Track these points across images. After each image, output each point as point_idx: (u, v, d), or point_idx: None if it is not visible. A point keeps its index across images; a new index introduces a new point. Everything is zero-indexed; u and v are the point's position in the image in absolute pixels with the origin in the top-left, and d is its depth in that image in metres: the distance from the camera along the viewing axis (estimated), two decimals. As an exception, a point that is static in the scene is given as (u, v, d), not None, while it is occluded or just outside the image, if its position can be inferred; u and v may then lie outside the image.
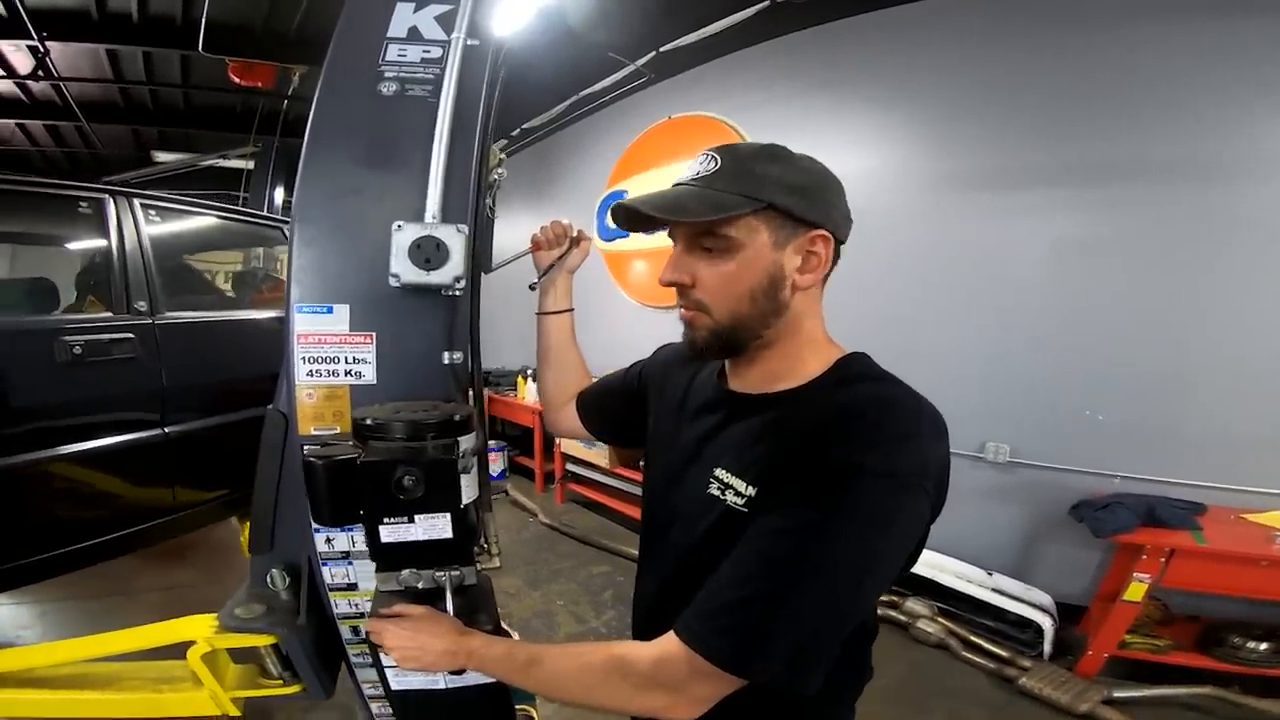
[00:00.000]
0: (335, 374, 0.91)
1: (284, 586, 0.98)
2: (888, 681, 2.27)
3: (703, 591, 0.60)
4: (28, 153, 5.69)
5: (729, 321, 0.66)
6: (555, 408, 1.09)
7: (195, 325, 2.02)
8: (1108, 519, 2.17)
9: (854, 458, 0.57)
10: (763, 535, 0.58)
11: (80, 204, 1.84)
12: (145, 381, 1.79)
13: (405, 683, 0.86)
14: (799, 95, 3.21)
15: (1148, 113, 2.28)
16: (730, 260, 0.65)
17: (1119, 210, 2.38)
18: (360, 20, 0.95)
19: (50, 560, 1.60)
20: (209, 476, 2.03)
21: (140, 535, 1.82)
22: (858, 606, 0.58)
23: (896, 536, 0.58)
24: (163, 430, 1.84)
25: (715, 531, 0.65)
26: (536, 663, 0.67)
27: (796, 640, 0.55)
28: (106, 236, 1.82)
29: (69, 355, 1.59)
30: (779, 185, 0.63)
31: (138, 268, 1.85)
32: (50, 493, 1.62)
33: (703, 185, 0.65)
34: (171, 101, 4.62)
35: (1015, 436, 2.65)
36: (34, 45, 3.34)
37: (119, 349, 1.73)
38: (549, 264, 1.06)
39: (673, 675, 0.59)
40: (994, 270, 2.67)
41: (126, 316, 1.78)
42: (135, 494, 1.82)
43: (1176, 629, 2.27)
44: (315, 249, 0.89)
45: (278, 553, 0.99)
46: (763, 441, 0.64)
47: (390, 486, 0.67)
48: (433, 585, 0.77)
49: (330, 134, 0.91)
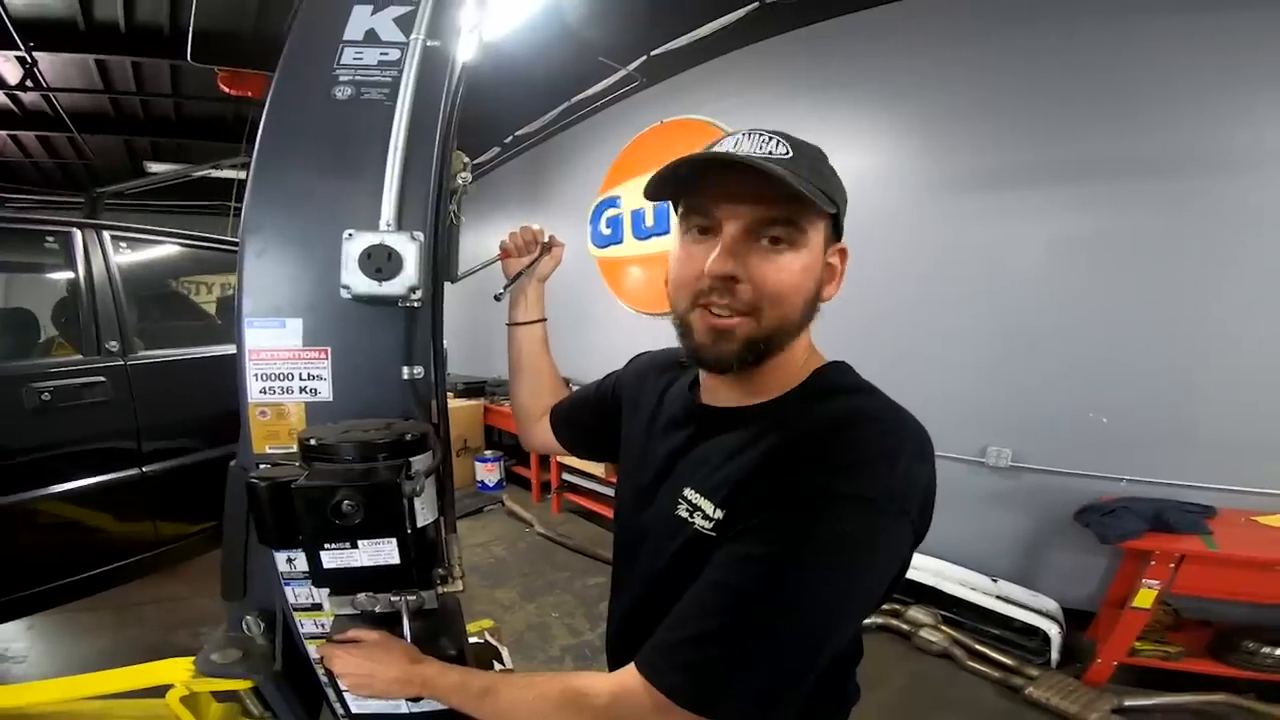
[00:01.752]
0: (289, 391, 0.86)
1: (259, 632, 0.95)
2: (887, 693, 2.22)
3: (665, 622, 0.56)
4: (20, 164, 5.68)
5: (774, 329, 0.59)
6: (528, 422, 1.05)
7: (170, 364, 1.95)
8: (1114, 524, 2.11)
9: (827, 481, 0.52)
10: (728, 564, 0.54)
11: (46, 238, 1.79)
12: (119, 423, 1.75)
13: (365, 707, 0.82)
14: (791, 97, 3.18)
15: (1146, 108, 2.23)
16: (799, 257, 0.58)
17: (1121, 209, 2.33)
18: (315, 23, 0.91)
19: (36, 595, 1.59)
20: (191, 511, 2.00)
21: (124, 570, 1.80)
22: (828, 643, 0.53)
23: (873, 568, 0.53)
24: (139, 470, 1.81)
25: (683, 555, 0.61)
26: (491, 693, 0.63)
27: (761, 681, 0.51)
28: (75, 273, 1.77)
29: (37, 401, 1.55)
30: (839, 192, 0.60)
31: (108, 306, 1.79)
32: (30, 533, 1.60)
33: (785, 167, 0.55)
34: (163, 112, 4.61)
35: (1017, 440, 2.60)
36: (21, 56, 3.33)
37: (90, 393, 1.68)
38: (518, 272, 1.02)
39: (631, 710, 0.55)
40: (992, 271, 2.62)
41: (97, 358, 1.73)
42: (117, 531, 1.80)
43: (1188, 635, 2.20)
44: (266, 260, 0.85)
45: (251, 600, 0.96)
46: (732, 460, 0.60)
47: (327, 511, 0.62)
48: (390, 609, 0.73)
49: (281, 140, 0.87)
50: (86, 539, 1.72)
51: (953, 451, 2.69)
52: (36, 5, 3.05)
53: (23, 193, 6.18)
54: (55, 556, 1.65)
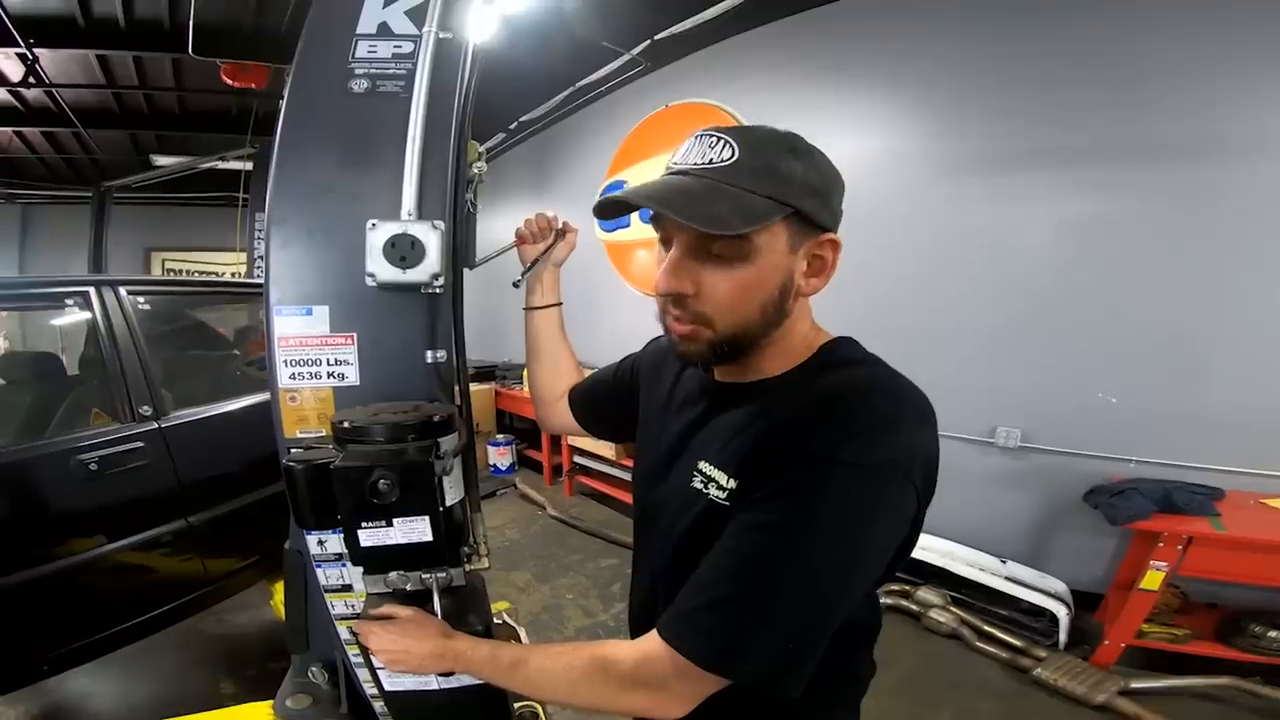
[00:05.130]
0: (318, 376, 0.89)
1: (324, 680, 1.06)
2: (897, 673, 2.26)
3: (684, 589, 0.59)
4: (27, 160, 5.71)
5: (732, 335, 0.61)
6: (546, 404, 1.07)
7: (204, 421, 2.04)
8: (1122, 505, 2.12)
9: (830, 449, 0.54)
10: (741, 532, 0.56)
11: (67, 300, 1.88)
12: (162, 480, 1.87)
13: (398, 684, 0.85)
14: (798, 79, 3.15)
15: (1159, 90, 2.21)
16: (746, 268, 0.58)
17: (1131, 189, 2.32)
18: (329, 18, 0.92)
19: (109, 638, 1.76)
20: (237, 549, 2.13)
21: (181, 608, 1.96)
22: (840, 605, 0.55)
23: (878, 531, 0.55)
24: (186, 520, 1.93)
25: (699, 526, 0.63)
26: (521, 664, 0.66)
27: (776, 641, 0.54)
28: (98, 340, 1.86)
29: (86, 471, 1.68)
30: (804, 187, 0.57)
31: (135, 370, 1.88)
32: (97, 584, 1.75)
33: (721, 179, 0.56)
34: (166, 105, 4.61)
35: (1026, 421, 2.60)
36: (22, 52, 3.33)
37: (131, 458, 1.79)
38: (534, 258, 1.03)
39: (656, 674, 0.58)
40: (1003, 252, 2.61)
41: (133, 425, 1.84)
42: (171, 574, 1.94)
43: (1195, 618, 2.22)
44: (291, 250, 0.87)
45: (314, 652, 1.06)
46: (744, 432, 0.62)
47: (365, 491, 0.65)
48: (421, 587, 0.76)
49: (301, 134, 0.88)
50: (146, 584, 1.87)
51: (962, 431, 2.70)
52: (34, 2, 3.05)
53: (30, 189, 6.22)
54: (121, 602, 1.81)
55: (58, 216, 6.76)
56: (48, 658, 1.66)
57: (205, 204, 7.27)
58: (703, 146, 0.59)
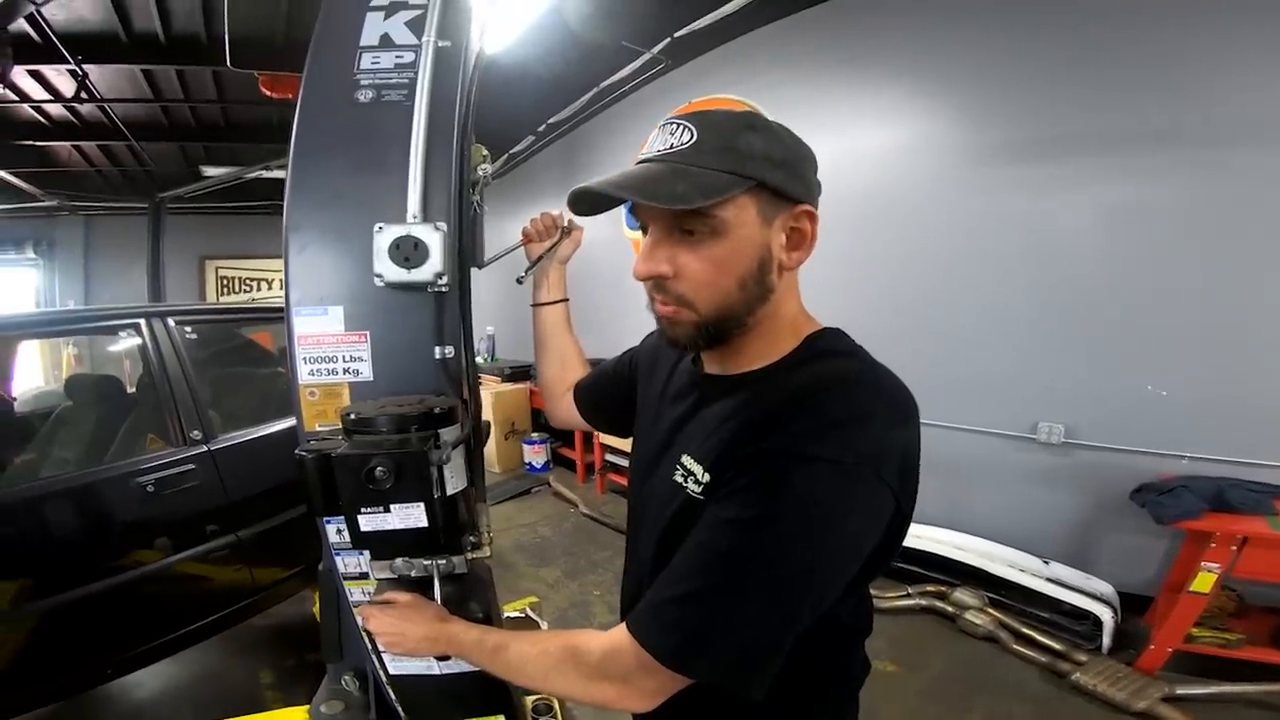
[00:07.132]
0: (334, 372, 0.94)
1: (356, 688, 1.13)
2: (927, 676, 2.20)
3: (656, 581, 0.59)
4: (86, 173, 6.07)
5: (715, 314, 0.61)
6: (553, 398, 1.09)
7: (250, 443, 2.19)
8: (1170, 504, 2.02)
9: (799, 444, 0.53)
10: (710, 527, 0.56)
11: (120, 333, 2.08)
12: (213, 499, 2.03)
13: (401, 668, 0.89)
14: (821, 72, 3.10)
15: (1210, 68, 2.08)
16: (720, 244, 0.59)
17: (1177, 176, 2.19)
18: (333, 32, 0.97)
19: (165, 643, 1.93)
20: (282, 560, 2.28)
21: (232, 615, 2.12)
22: (805, 603, 0.54)
23: (846, 529, 0.54)
24: (235, 535, 2.08)
25: (679, 519, 0.63)
26: (502, 649, 0.68)
27: (738, 640, 0.53)
28: (149, 368, 2.03)
29: (143, 492, 1.86)
30: (766, 160, 0.58)
31: (185, 397, 2.04)
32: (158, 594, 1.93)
33: (681, 161, 0.58)
34: (211, 118, 4.83)
35: (1070, 415, 2.49)
36: (72, 69, 3.52)
37: (184, 479, 1.96)
38: (539, 255, 1.05)
39: (620, 667, 0.58)
40: (1040, 242, 2.51)
41: (184, 448, 2.00)
42: (222, 584, 2.10)
43: (1250, 622, 2.09)
44: (307, 254, 0.92)
45: (347, 662, 1.13)
46: (722, 426, 0.62)
47: (362, 477, 0.68)
48: (424, 573, 0.80)
49: (312, 144, 0.93)
50: (200, 593, 2.04)
51: (1001, 427, 2.61)
52: (78, 20, 3.23)
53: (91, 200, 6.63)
54: (177, 611, 1.98)
55: (117, 227, 7.17)
56: (112, 661, 1.82)
57: (254, 213, 7.61)
58: (665, 134, 0.60)
